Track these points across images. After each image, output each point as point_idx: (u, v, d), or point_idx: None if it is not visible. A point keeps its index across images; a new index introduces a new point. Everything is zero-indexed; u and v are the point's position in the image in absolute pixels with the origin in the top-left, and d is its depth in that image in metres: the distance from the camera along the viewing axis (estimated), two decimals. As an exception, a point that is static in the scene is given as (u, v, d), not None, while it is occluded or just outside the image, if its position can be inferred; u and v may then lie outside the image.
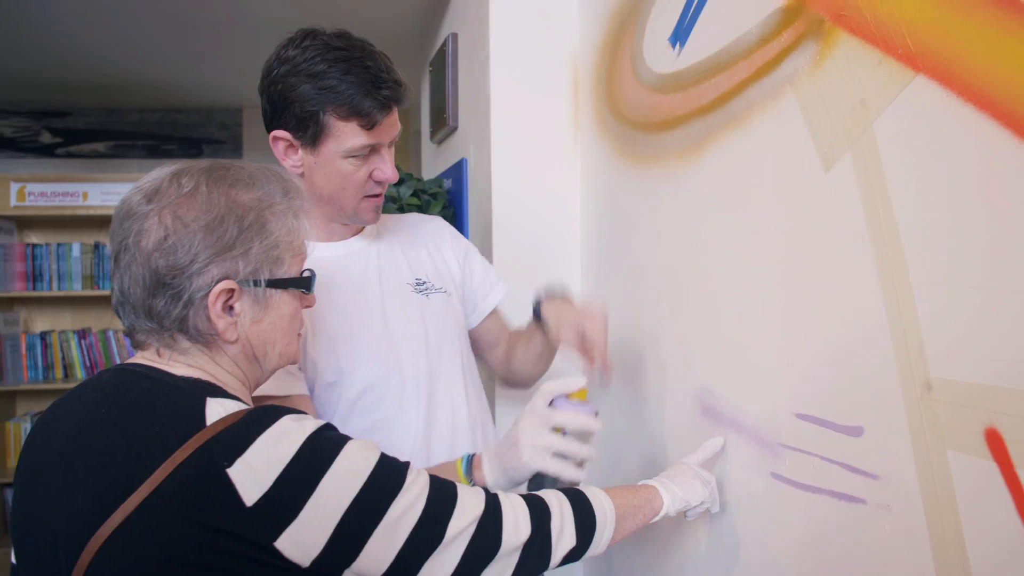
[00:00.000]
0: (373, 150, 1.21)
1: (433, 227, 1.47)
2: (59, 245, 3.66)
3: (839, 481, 0.95)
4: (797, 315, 1.04)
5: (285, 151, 1.22)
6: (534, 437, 1.07)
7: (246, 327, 0.93)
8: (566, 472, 1.06)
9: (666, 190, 1.41)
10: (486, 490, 0.95)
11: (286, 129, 1.19)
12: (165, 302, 0.89)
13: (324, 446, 0.85)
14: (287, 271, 0.95)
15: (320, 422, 0.88)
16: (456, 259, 1.46)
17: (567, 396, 1.09)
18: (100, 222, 3.73)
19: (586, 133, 1.82)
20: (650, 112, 1.47)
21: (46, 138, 3.99)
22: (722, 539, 1.23)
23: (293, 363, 1.03)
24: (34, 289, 3.66)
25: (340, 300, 1.26)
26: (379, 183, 1.24)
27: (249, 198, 0.92)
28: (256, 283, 0.91)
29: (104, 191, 3.53)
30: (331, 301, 1.24)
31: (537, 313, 1.36)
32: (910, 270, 0.83)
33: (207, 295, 0.88)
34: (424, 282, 1.36)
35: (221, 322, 0.90)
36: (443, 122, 2.30)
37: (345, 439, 0.88)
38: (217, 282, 0.88)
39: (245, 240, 0.90)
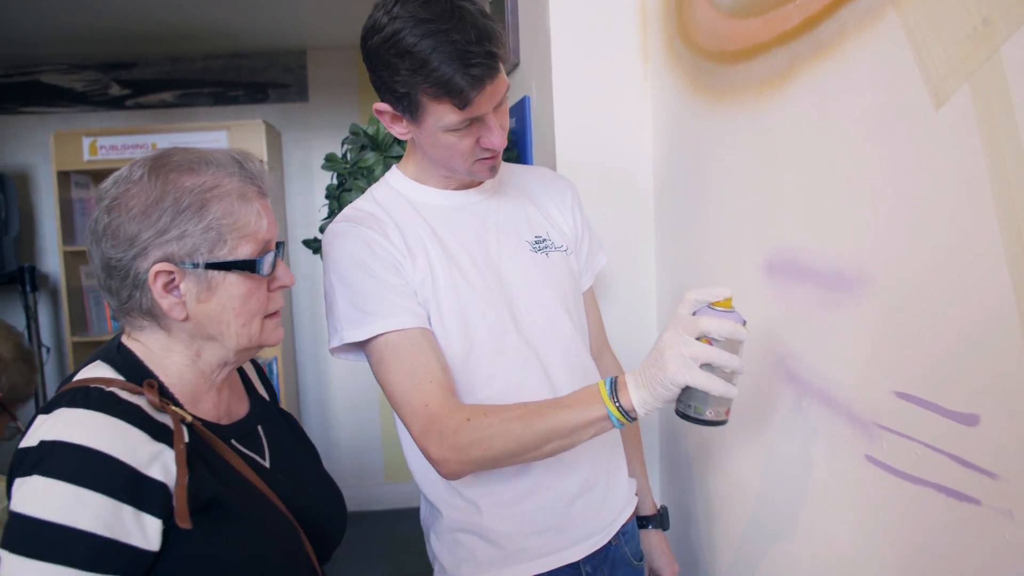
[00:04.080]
0: (476, 119, 1.14)
1: (560, 186, 1.42)
2: (134, 197, 3.69)
3: (947, 475, 0.82)
4: (898, 279, 0.88)
5: (391, 121, 1.21)
6: (680, 347, 0.95)
7: (193, 307, 0.96)
8: (716, 386, 0.94)
9: (745, 130, 1.25)
10: None
11: (387, 102, 1.18)
12: (118, 283, 0.95)
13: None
14: (230, 253, 0.96)
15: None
16: (576, 225, 1.41)
17: (711, 305, 0.98)
18: (172, 172, 3.74)
19: (656, 65, 1.65)
20: (725, 40, 1.31)
21: (115, 90, 4.00)
22: (803, 521, 1.11)
23: (264, 345, 1.03)
24: (113, 241, 3.71)
25: (455, 251, 1.24)
26: (487, 148, 1.19)
27: (192, 183, 0.94)
28: (196, 265, 0.94)
29: (172, 141, 3.52)
30: (443, 252, 1.23)
31: (638, 523, 1.45)
32: (1045, 232, 0.67)
33: (148, 276, 0.93)
34: (544, 240, 1.33)
35: (165, 302, 0.94)
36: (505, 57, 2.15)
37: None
38: (154, 263, 0.93)
39: (180, 223, 0.93)
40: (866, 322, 0.95)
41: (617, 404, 1.00)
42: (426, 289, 1.21)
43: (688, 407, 0.97)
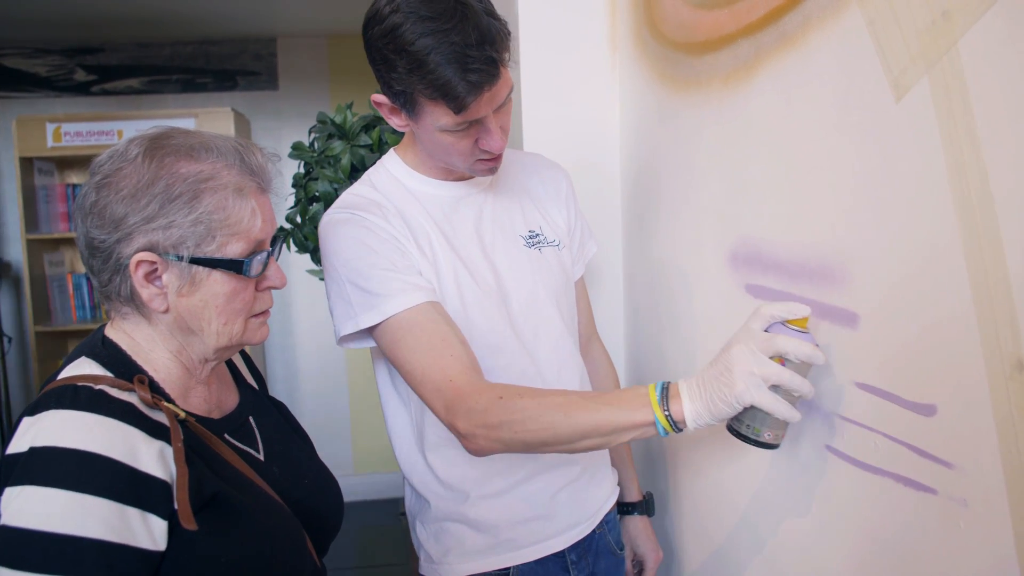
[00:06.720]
0: (475, 121, 1.12)
1: (555, 176, 1.41)
2: (99, 184, 3.63)
3: (905, 465, 0.82)
4: (859, 270, 0.89)
5: (389, 113, 1.18)
6: (752, 365, 0.89)
7: (174, 300, 0.92)
8: (782, 410, 0.89)
9: (711, 120, 1.25)
10: None
11: (385, 95, 1.15)
12: (99, 264, 0.91)
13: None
14: (218, 250, 0.91)
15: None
16: (570, 216, 1.40)
17: (786, 323, 0.92)
18: (138, 160, 3.68)
19: (624, 56, 1.65)
20: (692, 31, 1.30)
21: (80, 76, 3.92)
22: (767, 511, 1.12)
23: (247, 344, 0.99)
24: (77, 230, 3.66)
25: (455, 243, 1.23)
26: (486, 151, 1.17)
27: (188, 170, 0.89)
28: (180, 257, 0.90)
29: (138, 129, 3.44)
30: (446, 242, 1.23)
31: (623, 510, 1.46)
32: (1001, 224, 0.68)
33: (130, 263, 0.89)
34: (537, 235, 1.32)
35: (145, 291, 0.91)
36: (473, 47, 2.14)
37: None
38: (138, 251, 0.89)
39: (169, 212, 0.88)
40: (828, 313, 0.96)
41: (667, 413, 0.94)
42: (431, 279, 1.19)
43: (745, 426, 0.93)
